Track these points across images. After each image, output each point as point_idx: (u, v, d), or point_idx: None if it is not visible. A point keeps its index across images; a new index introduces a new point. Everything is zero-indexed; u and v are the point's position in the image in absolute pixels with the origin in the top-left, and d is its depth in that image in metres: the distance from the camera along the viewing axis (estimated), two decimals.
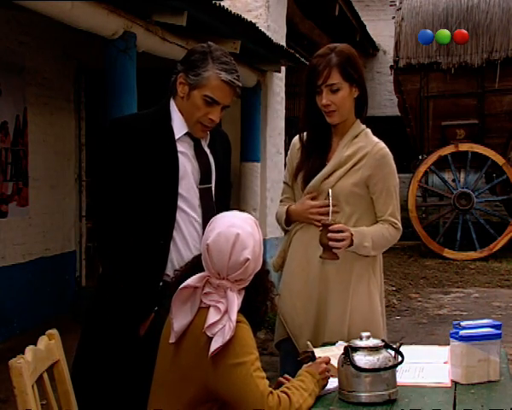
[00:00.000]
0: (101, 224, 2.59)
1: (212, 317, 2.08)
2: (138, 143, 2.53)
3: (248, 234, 2.14)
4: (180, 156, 2.58)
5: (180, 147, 2.59)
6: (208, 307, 2.12)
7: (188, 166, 2.59)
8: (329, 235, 2.69)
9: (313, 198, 2.86)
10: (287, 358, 2.94)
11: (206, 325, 2.08)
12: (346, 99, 2.82)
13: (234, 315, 2.07)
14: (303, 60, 7.93)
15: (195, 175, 2.61)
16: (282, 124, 8.61)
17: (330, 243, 2.69)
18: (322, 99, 2.80)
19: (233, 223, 2.16)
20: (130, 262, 2.50)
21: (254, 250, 2.14)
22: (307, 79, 2.86)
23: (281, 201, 3.09)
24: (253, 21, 6.52)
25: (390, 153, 2.90)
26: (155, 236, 2.52)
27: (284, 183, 3.09)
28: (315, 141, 2.92)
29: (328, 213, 2.76)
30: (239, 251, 2.11)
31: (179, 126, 2.60)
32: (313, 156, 2.90)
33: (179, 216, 2.55)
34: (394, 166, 2.91)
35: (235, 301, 2.10)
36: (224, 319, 2.08)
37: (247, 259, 2.11)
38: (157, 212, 2.53)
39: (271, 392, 2.06)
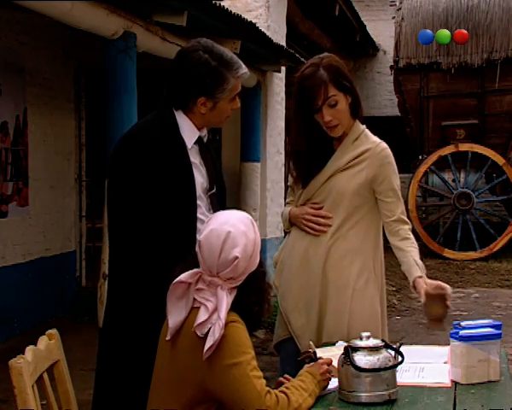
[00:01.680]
0: (120, 245, 2.51)
1: (202, 316, 2.08)
2: (153, 157, 2.47)
3: (241, 233, 2.14)
4: (193, 169, 2.55)
5: (191, 157, 2.55)
6: (200, 307, 2.12)
7: (199, 178, 2.56)
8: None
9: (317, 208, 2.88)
10: (287, 359, 2.94)
11: (195, 325, 2.07)
12: (344, 110, 2.82)
13: (223, 314, 2.06)
14: (303, 60, 7.92)
15: (205, 183, 2.59)
16: (282, 124, 8.61)
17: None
18: (323, 117, 2.79)
19: (227, 221, 2.16)
20: (151, 278, 2.44)
21: (246, 249, 2.13)
22: (300, 101, 2.85)
23: (287, 203, 3.10)
24: (253, 21, 6.53)
25: (390, 153, 2.90)
26: (177, 253, 2.45)
27: (289, 186, 3.09)
28: (316, 149, 2.91)
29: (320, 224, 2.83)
30: (229, 249, 2.11)
31: (190, 134, 2.56)
32: (315, 161, 2.89)
33: (197, 227, 2.51)
34: (394, 165, 2.90)
35: (225, 299, 2.09)
36: (213, 318, 2.07)
37: (236, 257, 2.10)
38: (178, 228, 2.48)
39: (269, 391, 2.05)
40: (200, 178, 2.57)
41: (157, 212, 2.46)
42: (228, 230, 2.12)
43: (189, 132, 2.57)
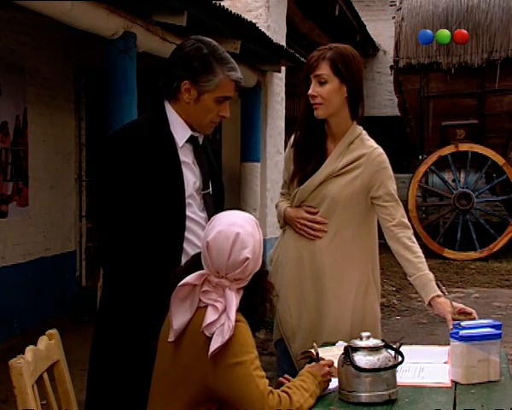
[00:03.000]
0: (108, 245, 2.51)
1: (210, 316, 2.08)
2: (141, 155, 2.46)
3: (248, 234, 2.14)
4: (183, 168, 2.53)
5: (182, 156, 2.54)
6: (206, 306, 2.12)
7: (191, 177, 2.55)
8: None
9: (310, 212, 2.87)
10: (283, 356, 2.94)
11: (203, 325, 2.07)
12: (333, 94, 2.78)
13: (232, 314, 2.07)
14: (303, 60, 7.92)
15: (198, 183, 2.57)
16: (282, 124, 8.61)
17: None
18: (309, 89, 2.80)
19: (234, 222, 2.16)
20: (139, 277, 2.44)
21: (254, 250, 2.14)
22: (304, 74, 2.86)
23: (281, 194, 3.08)
24: (253, 21, 6.53)
25: (386, 159, 2.87)
26: (165, 251, 2.47)
27: (284, 179, 3.07)
28: (310, 145, 2.89)
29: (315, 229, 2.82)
30: (238, 250, 2.11)
31: (181, 132, 2.54)
32: (309, 161, 2.88)
33: (188, 226, 2.51)
34: (390, 170, 2.88)
35: (234, 300, 2.10)
36: (222, 318, 2.07)
37: (247, 258, 2.11)
38: (166, 226, 2.48)
39: (271, 391, 2.06)
40: (192, 177, 2.55)
41: (143, 209, 2.45)
42: (236, 231, 2.12)
43: (181, 130, 2.55)
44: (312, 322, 2.84)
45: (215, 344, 2.03)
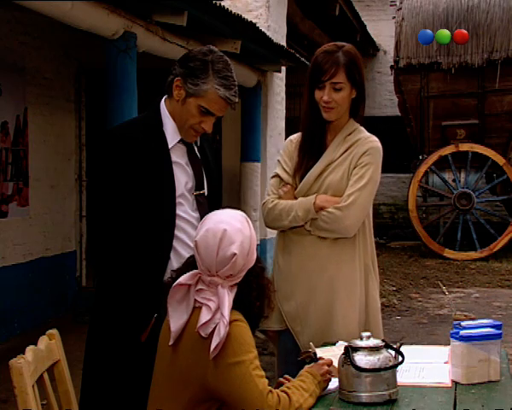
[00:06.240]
0: (99, 238, 2.54)
1: (204, 316, 2.09)
2: (132, 153, 2.50)
3: (236, 230, 2.15)
4: (174, 168, 2.56)
5: (173, 156, 2.57)
6: (202, 306, 2.12)
7: (182, 177, 2.57)
8: None
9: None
10: (287, 358, 2.93)
11: (198, 325, 2.08)
12: (346, 99, 2.84)
13: (226, 311, 2.07)
14: (303, 60, 7.94)
15: (190, 183, 2.60)
16: (282, 124, 8.61)
17: None
18: (324, 95, 2.81)
19: (221, 219, 2.17)
20: (128, 274, 2.48)
21: (243, 246, 2.14)
22: (311, 74, 2.86)
23: (273, 192, 3.01)
24: (254, 21, 6.53)
25: (380, 149, 2.89)
26: (154, 248, 2.50)
27: (278, 177, 3.02)
28: (310, 140, 2.92)
29: None
30: (226, 246, 2.12)
31: (172, 134, 2.58)
32: (309, 156, 2.90)
33: (178, 225, 2.54)
34: (379, 163, 2.87)
35: (226, 297, 2.11)
36: (216, 317, 2.08)
37: (234, 254, 2.12)
38: (155, 224, 2.51)
39: (271, 391, 2.06)
40: (184, 178, 2.58)
41: (133, 206, 2.49)
42: (223, 228, 2.14)
43: (172, 132, 2.58)
44: (321, 317, 2.84)
45: (214, 344, 2.04)
